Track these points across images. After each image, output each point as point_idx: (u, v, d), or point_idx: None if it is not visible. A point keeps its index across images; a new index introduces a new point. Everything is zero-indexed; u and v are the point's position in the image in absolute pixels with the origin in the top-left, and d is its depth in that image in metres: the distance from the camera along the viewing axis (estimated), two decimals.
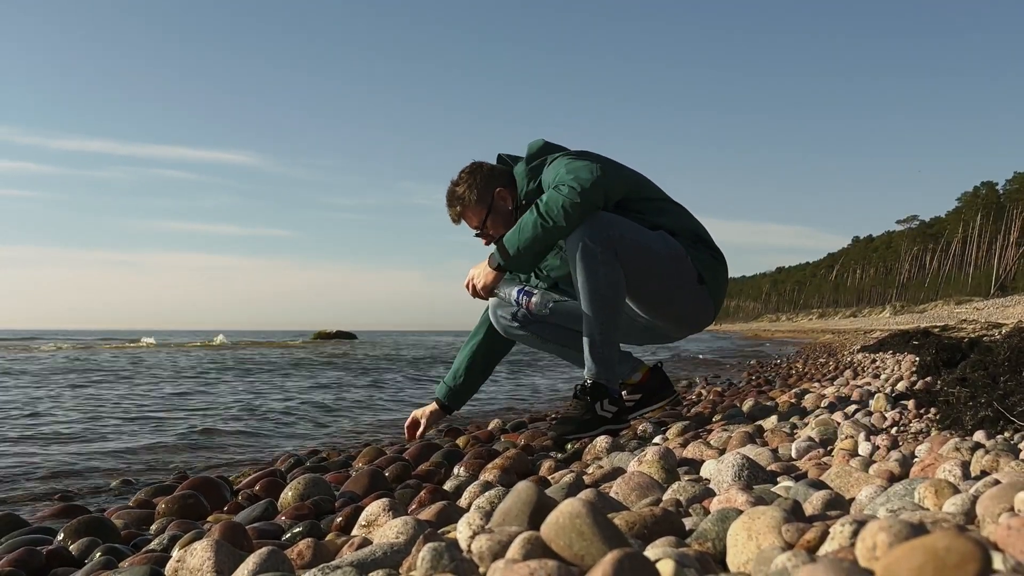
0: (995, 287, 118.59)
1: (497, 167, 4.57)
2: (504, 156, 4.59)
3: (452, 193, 4.54)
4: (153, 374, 13.58)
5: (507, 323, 4.78)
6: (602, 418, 4.23)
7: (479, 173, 4.51)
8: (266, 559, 1.86)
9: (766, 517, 1.51)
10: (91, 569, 2.26)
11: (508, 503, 1.75)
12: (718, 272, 4.46)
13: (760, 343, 39.78)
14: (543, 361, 16.35)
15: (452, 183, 4.55)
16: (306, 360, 19.64)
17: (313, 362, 18.63)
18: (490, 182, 4.49)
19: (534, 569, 1.28)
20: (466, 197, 4.48)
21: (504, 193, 4.49)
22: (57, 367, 15.87)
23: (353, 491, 3.31)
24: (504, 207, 4.48)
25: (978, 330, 15.96)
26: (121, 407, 7.89)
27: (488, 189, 4.48)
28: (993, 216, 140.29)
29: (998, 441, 2.70)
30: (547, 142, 4.47)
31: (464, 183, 4.50)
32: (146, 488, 3.76)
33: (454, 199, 4.53)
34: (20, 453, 4.99)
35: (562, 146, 4.47)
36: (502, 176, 4.52)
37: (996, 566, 1.09)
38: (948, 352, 6.22)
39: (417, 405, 5.93)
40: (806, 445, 3.07)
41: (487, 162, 4.59)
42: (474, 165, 4.56)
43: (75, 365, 16.78)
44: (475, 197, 4.47)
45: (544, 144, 4.46)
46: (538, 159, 4.38)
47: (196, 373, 13.92)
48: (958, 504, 1.62)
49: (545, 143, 4.46)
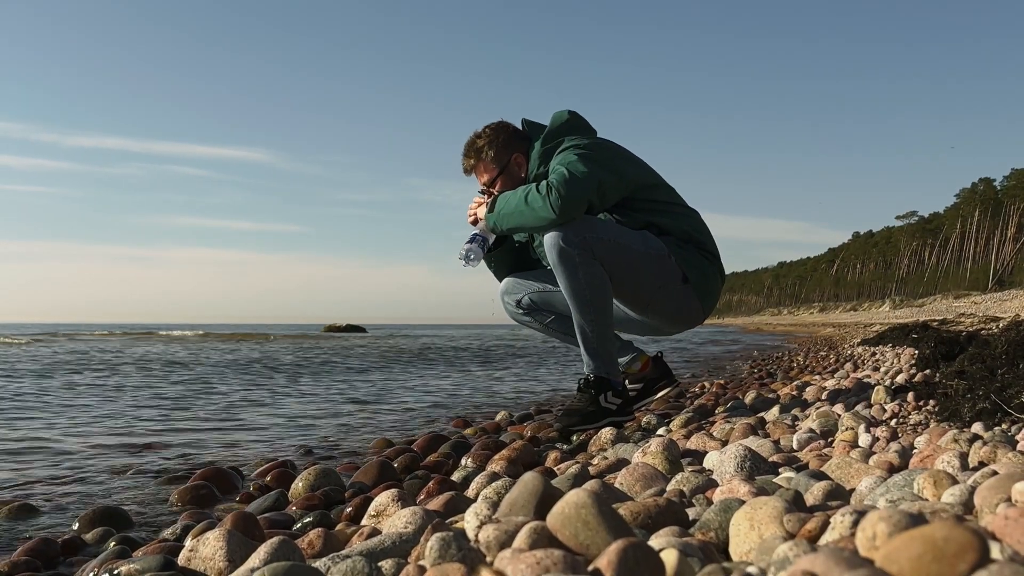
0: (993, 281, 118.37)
1: (521, 132, 4.53)
2: (527, 123, 4.55)
3: (472, 144, 4.51)
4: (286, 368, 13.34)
5: (512, 309, 4.79)
6: (606, 410, 4.23)
7: (503, 133, 4.48)
8: (277, 548, 1.86)
9: (768, 507, 1.51)
10: (105, 558, 2.26)
11: (515, 493, 1.75)
12: (706, 272, 4.41)
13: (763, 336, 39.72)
14: (549, 354, 16.36)
15: (474, 134, 4.52)
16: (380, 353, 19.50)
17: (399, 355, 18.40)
18: (510, 145, 4.47)
19: (540, 558, 1.28)
20: (484, 152, 4.46)
21: (520, 159, 4.46)
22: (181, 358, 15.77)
23: (362, 482, 3.32)
24: (517, 173, 4.44)
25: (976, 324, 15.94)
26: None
27: (507, 151, 4.45)
28: (991, 212, 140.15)
29: (995, 433, 2.69)
30: (571, 116, 4.43)
31: (486, 138, 4.47)
32: (159, 478, 3.77)
33: (472, 150, 4.51)
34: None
35: (585, 124, 4.45)
36: (523, 143, 4.49)
37: (994, 555, 1.09)
38: (946, 345, 6.20)
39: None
40: (807, 436, 3.07)
41: (513, 124, 4.56)
42: (500, 124, 4.53)
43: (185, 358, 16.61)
44: (492, 154, 4.45)
45: (567, 120, 4.41)
46: (554, 141, 4.34)
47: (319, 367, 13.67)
48: (956, 494, 1.62)
49: (567, 119, 4.42)
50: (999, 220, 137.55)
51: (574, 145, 4.22)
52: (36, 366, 13.14)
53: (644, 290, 4.34)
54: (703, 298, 4.44)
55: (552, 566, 1.26)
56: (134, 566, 2.03)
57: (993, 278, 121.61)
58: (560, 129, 4.38)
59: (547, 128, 4.41)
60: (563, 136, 4.34)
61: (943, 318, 25.00)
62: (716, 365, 12.77)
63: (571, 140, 4.28)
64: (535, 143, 4.40)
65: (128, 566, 2.05)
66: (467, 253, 4.29)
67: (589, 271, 4.08)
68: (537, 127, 4.49)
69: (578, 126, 4.41)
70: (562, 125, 4.39)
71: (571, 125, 4.40)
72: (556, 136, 4.36)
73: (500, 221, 4.20)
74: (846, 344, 16.39)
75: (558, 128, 4.39)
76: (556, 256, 4.07)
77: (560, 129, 4.38)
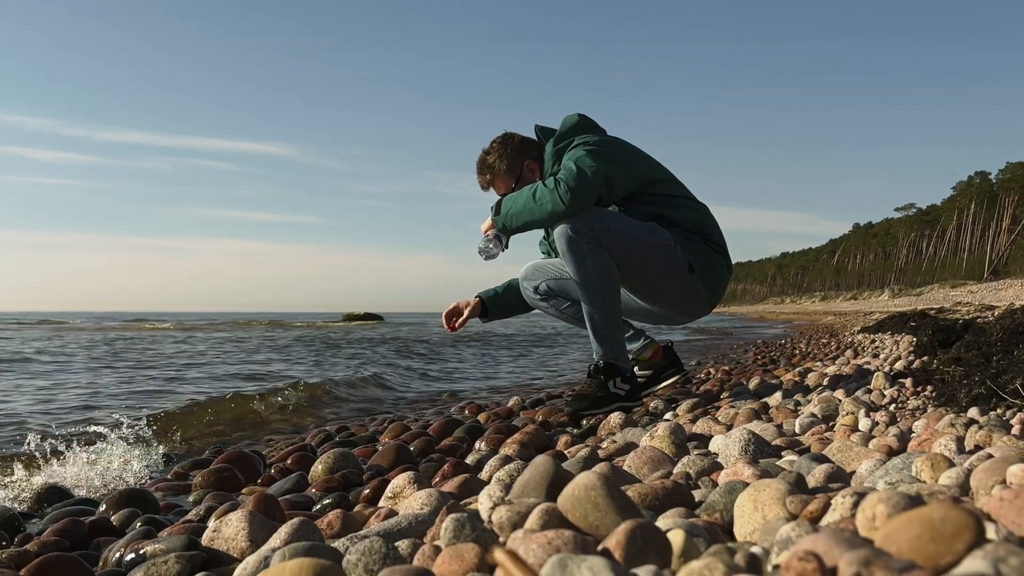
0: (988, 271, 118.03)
1: (527, 140, 4.54)
2: (538, 128, 4.54)
3: (483, 161, 4.54)
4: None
5: (530, 294, 4.80)
6: (615, 395, 4.22)
7: (510, 144, 4.50)
8: (297, 529, 1.86)
9: (771, 489, 1.51)
10: (132, 538, 2.26)
11: (527, 476, 1.76)
12: (713, 263, 4.40)
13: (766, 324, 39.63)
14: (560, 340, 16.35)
15: (483, 152, 4.54)
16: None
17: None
18: (520, 153, 4.48)
19: (551, 538, 1.28)
20: (496, 166, 4.48)
21: (533, 165, 4.48)
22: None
23: (380, 464, 3.32)
24: (531, 179, 4.45)
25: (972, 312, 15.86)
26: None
27: (518, 160, 4.47)
28: (986, 204, 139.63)
29: (991, 417, 2.69)
30: (580, 119, 4.42)
31: (495, 152, 4.49)
32: (183, 462, 3.78)
33: (484, 167, 4.53)
34: None
35: (594, 125, 4.44)
36: (532, 148, 4.50)
37: (989, 535, 1.09)
38: (944, 333, 6.18)
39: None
40: (809, 421, 3.06)
41: (518, 133, 4.57)
42: (505, 136, 4.54)
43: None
44: (505, 167, 4.46)
45: (576, 122, 4.40)
46: (566, 140, 4.33)
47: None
48: (953, 477, 1.62)
49: (578, 121, 4.41)
50: (994, 212, 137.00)
51: (583, 142, 4.22)
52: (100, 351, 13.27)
53: (651, 279, 4.34)
54: (709, 288, 4.43)
55: (563, 546, 1.26)
56: (159, 546, 2.04)
57: (988, 268, 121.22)
58: (571, 130, 4.38)
59: (558, 131, 4.41)
60: (573, 136, 4.34)
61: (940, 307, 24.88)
62: (721, 352, 12.74)
63: (581, 138, 4.28)
64: (547, 146, 4.40)
65: (154, 546, 2.05)
66: (486, 247, 4.33)
67: (597, 259, 4.08)
68: (549, 131, 4.49)
69: (588, 127, 4.40)
70: (572, 127, 4.39)
71: (581, 126, 4.40)
72: (567, 137, 4.36)
73: (509, 221, 4.20)
74: (847, 332, 16.32)
75: (569, 130, 4.38)
76: (565, 244, 4.07)
77: (571, 130, 4.38)
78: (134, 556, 2.05)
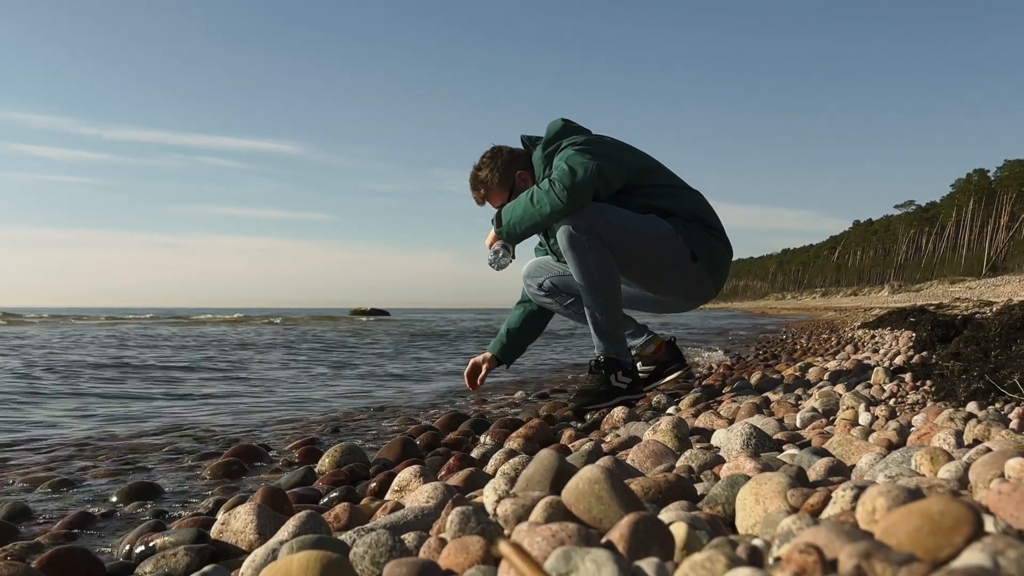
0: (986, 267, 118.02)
1: (516, 150, 4.55)
2: (525, 138, 4.55)
3: (475, 177, 4.54)
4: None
5: (534, 291, 4.83)
6: (617, 389, 4.23)
7: (499, 157, 4.50)
8: (305, 522, 1.87)
9: (772, 483, 1.50)
10: (142, 531, 2.27)
11: (531, 469, 1.76)
12: (714, 249, 4.42)
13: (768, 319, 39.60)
14: (564, 336, 16.35)
15: (475, 168, 4.55)
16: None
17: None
18: (511, 165, 4.49)
19: (556, 531, 1.28)
20: (489, 180, 4.49)
21: (524, 175, 4.49)
22: None
23: (386, 458, 3.32)
24: (525, 188, 4.45)
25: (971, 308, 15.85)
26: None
27: (509, 171, 4.48)
28: (985, 201, 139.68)
29: (989, 412, 2.68)
30: (565, 123, 4.42)
31: (486, 167, 4.50)
32: (193, 454, 3.78)
33: (477, 183, 4.54)
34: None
35: (579, 127, 4.44)
36: (521, 158, 4.51)
37: (987, 528, 1.09)
38: (943, 328, 6.17)
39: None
40: (810, 415, 3.06)
41: (507, 146, 4.57)
42: (494, 149, 4.55)
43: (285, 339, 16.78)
44: (497, 179, 4.47)
45: (562, 127, 4.40)
46: (553, 144, 4.34)
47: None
48: (952, 471, 1.62)
49: (563, 125, 4.41)
50: (992, 209, 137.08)
51: (571, 143, 4.25)
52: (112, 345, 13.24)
53: (656, 271, 4.35)
54: (713, 273, 4.44)
55: (567, 539, 1.26)
56: (169, 538, 2.04)
57: (987, 264, 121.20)
58: (557, 135, 4.38)
59: (544, 137, 4.42)
60: (560, 140, 4.35)
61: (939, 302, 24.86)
62: (723, 347, 12.73)
63: (568, 140, 4.30)
64: (535, 152, 4.41)
65: (163, 538, 2.05)
66: (495, 258, 4.32)
67: (598, 256, 4.09)
68: (536, 139, 4.50)
69: (573, 129, 4.41)
70: (558, 131, 4.40)
71: (567, 129, 4.41)
72: (554, 141, 4.36)
73: (512, 229, 4.21)
74: (847, 327, 16.31)
75: (555, 135, 4.39)
76: (566, 242, 4.08)
77: (557, 135, 4.38)
78: (144, 548, 2.06)
